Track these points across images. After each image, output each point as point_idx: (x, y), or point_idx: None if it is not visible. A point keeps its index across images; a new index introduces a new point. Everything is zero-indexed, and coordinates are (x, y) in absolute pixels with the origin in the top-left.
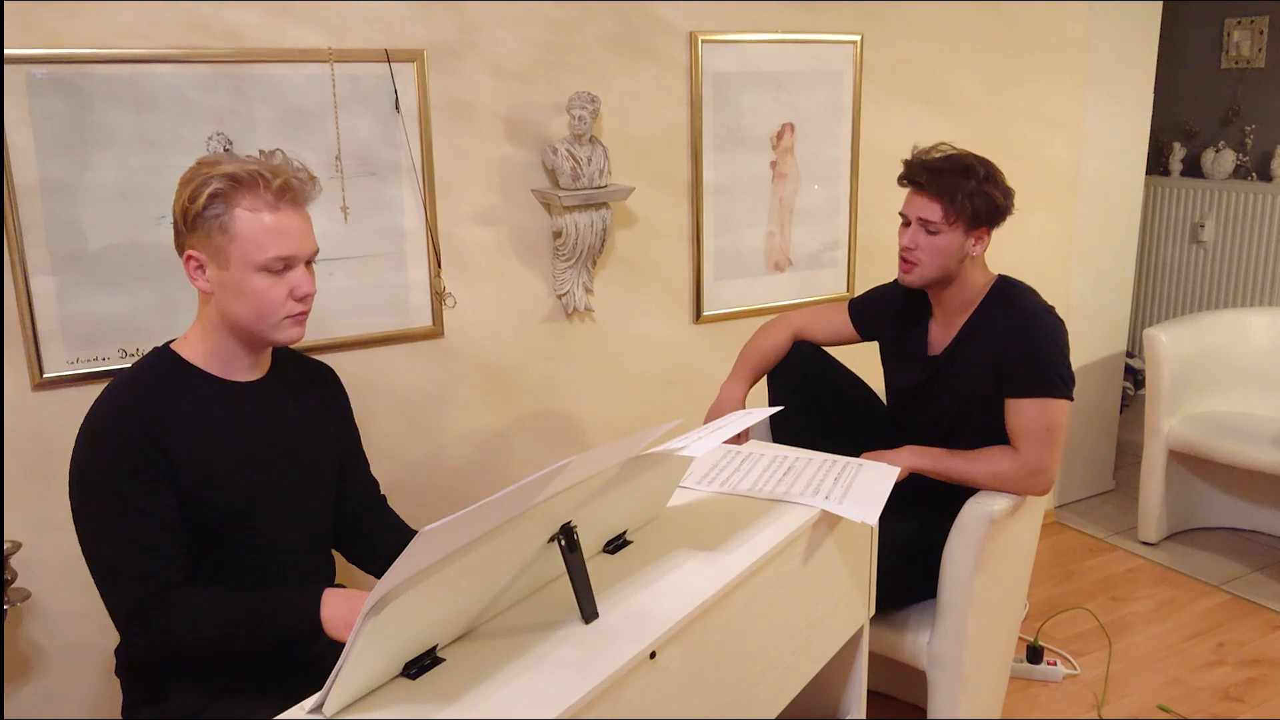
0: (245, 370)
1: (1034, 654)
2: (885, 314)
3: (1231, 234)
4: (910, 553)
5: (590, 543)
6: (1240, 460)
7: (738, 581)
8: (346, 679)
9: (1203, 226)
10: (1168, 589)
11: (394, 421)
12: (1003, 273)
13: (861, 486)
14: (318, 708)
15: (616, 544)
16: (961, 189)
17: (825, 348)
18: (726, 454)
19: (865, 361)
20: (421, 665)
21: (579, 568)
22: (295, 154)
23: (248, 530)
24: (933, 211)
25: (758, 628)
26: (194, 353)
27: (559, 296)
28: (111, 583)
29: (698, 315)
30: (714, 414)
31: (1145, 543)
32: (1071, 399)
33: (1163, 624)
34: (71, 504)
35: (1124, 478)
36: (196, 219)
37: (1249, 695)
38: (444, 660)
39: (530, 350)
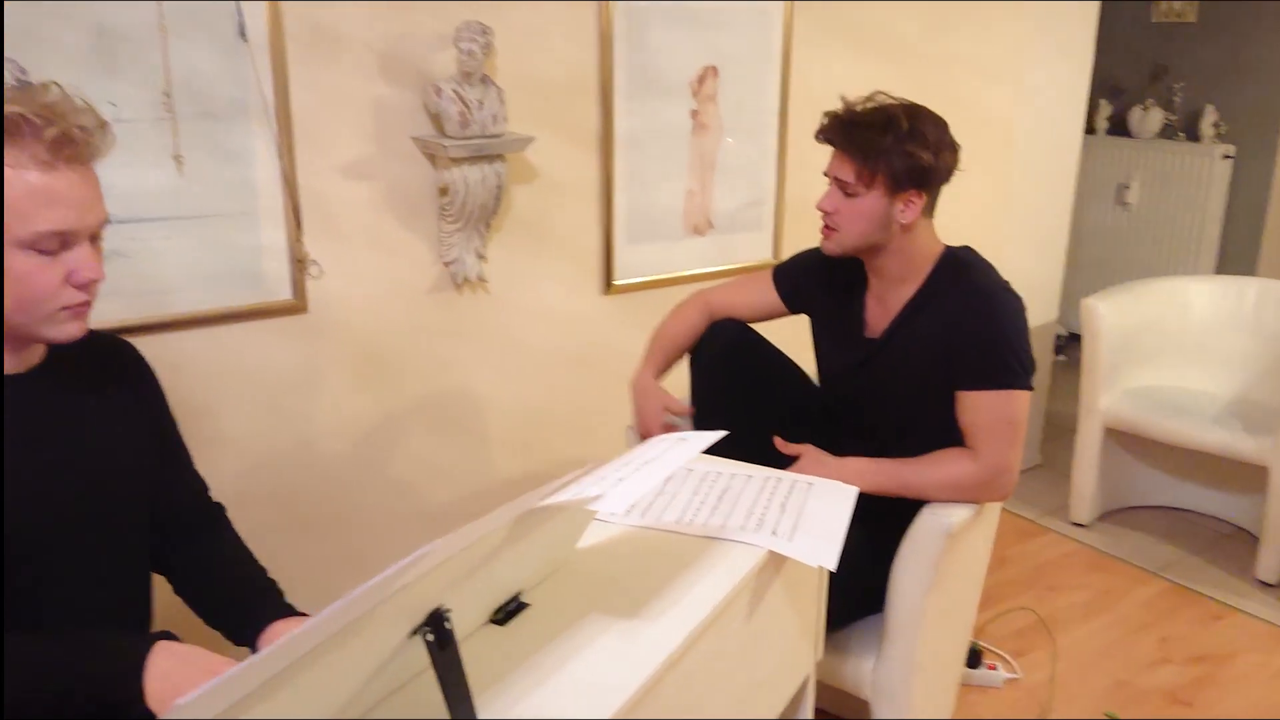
0: (9, 361)
1: (973, 657)
2: (815, 283)
3: (1157, 196)
4: (854, 566)
5: (471, 618)
6: (1183, 440)
7: (667, 666)
8: None
9: (1128, 188)
10: (1104, 576)
11: (249, 414)
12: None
13: (814, 516)
14: None
15: (508, 610)
16: (877, 146)
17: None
18: (662, 452)
19: (790, 335)
20: None
21: (452, 667)
22: (111, 90)
23: (31, 559)
24: (848, 171)
25: (688, 712)
26: None
27: (446, 264)
28: None
29: (608, 285)
30: (640, 407)
31: (1077, 524)
32: (1032, 388)
33: (1102, 617)
34: None
35: (1051, 452)
36: None
37: (1197, 697)
38: None
39: (413, 327)
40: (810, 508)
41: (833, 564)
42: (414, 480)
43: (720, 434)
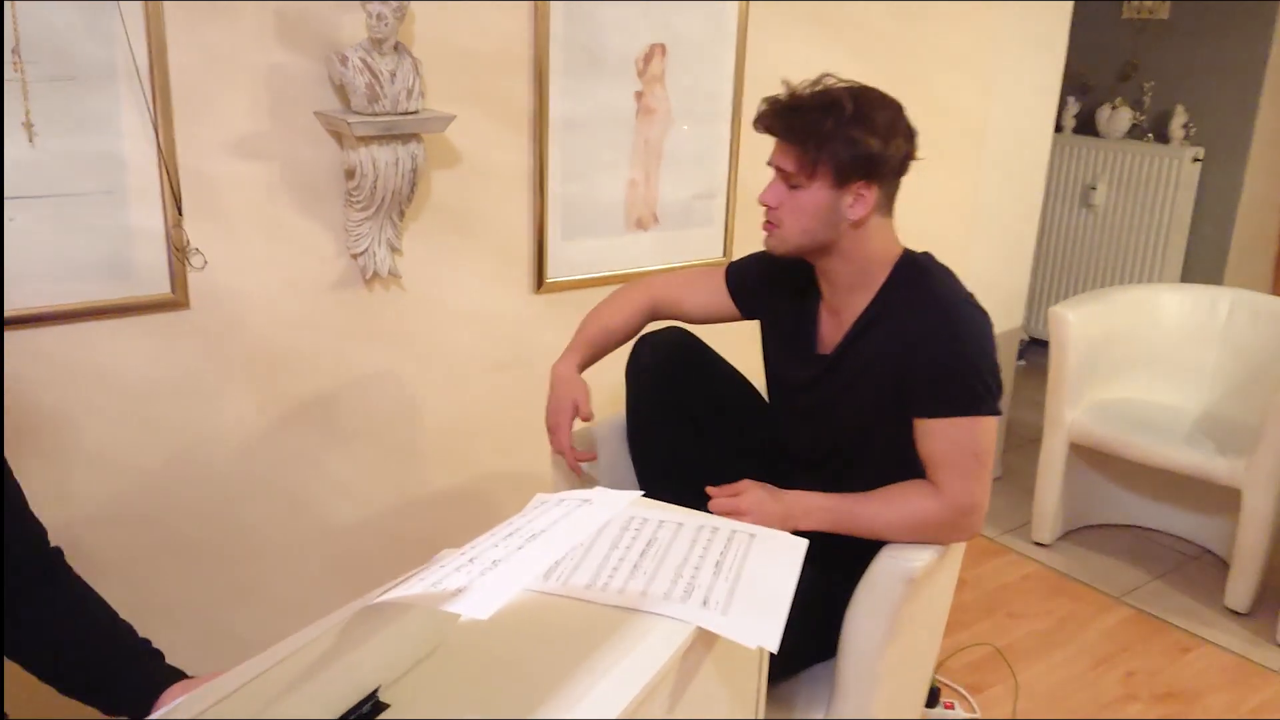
0: None
1: (930, 695)
2: (770, 287)
3: (1124, 198)
4: (804, 611)
5: None
6: (1152, 459)
7: None
8: None
9: (1094, 189)
10: (1066, 601)
11: (116, 424)
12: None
13: (754, 579)
14: None
15: (361, 714)
16: (818, 131)
17: (696, 326)
18: (557, 520)
19: (738, 341)
20: None
21: None
22: None
23: None
24: (789, 160)
25: None
26: None
27: (354, 257)
28: None
29: (539, 282)
30: (555, 398)
31: (1039, 543)
32: (999, 412)
33: (1065, 648)
34: None
35: (1012, 463)
36: None
37: None
38: None
39: (315, 327)
40: (750, 568)
41: (774, 644)
42: (314, 498)
43: (633, 494)
